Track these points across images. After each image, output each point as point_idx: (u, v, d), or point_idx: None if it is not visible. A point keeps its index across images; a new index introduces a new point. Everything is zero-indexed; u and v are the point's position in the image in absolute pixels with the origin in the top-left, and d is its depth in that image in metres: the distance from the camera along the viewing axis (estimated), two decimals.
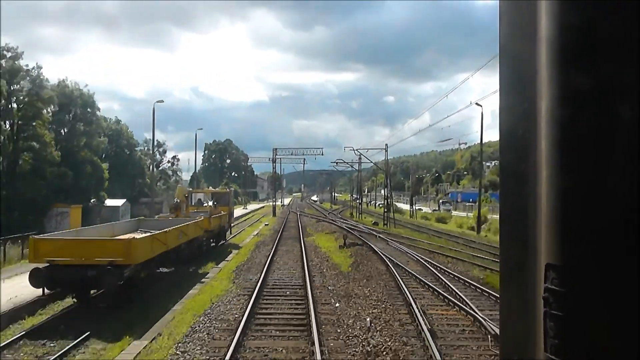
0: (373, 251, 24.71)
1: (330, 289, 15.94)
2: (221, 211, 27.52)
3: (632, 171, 0.77)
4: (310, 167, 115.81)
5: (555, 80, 0.83)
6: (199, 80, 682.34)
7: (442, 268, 19.67)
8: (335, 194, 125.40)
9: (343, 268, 20.13)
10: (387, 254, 22.97)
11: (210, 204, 28.69)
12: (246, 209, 75.50)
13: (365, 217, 59.99)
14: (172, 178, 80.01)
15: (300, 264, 21.05)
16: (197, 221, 20.82)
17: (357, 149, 54.06)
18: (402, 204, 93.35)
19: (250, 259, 22.57)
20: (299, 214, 60.90)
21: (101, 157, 53.40)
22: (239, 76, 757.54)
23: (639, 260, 0.77)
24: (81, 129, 49.30)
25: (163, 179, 77.19)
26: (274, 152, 68.43)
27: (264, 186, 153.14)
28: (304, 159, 75.50)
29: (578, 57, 0.82)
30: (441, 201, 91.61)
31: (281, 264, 21.29)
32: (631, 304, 0.77)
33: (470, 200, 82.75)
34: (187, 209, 25.10)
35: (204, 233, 22.29)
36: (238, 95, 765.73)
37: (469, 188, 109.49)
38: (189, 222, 19.70)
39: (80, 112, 49.82)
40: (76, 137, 48.10)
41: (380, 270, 19.26)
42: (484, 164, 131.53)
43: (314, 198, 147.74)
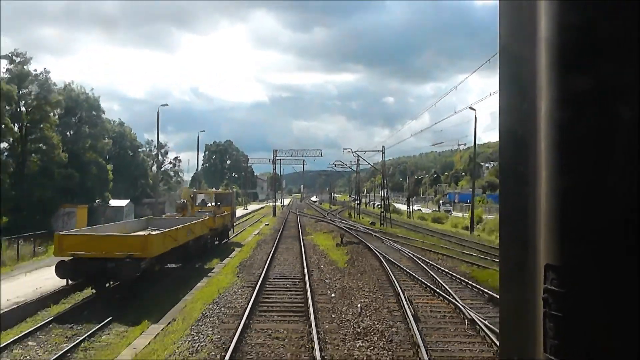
0: (368, 249, 26.06)
1: (327, 282, 17.33)
2: (224, 211, 28.92)
3: (632, 172, 0.77)
4: (309, 168, 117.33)
5: (555, 81, 0.83)
6: (198, 81, 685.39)
7: (432, 264, 21.03)
8: (334, 195, 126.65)
9: (339, 264, 21.51)
10: (382, 252, 24.29)
11: (213, 204, 30.08)
12: (247, 209, 76.82)
13: (363, 218, 61.32)
14: (174, 179, 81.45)
15: (299, 260, 22.42)
16: (203, 220, 22.27)
17: (355, 151, 55.43)
18: (401, 205, 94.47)
19: (253, 256, 23.96)
20: (298, 214, 62.24)
21: (105, 159, 54.67)
22: (239, 77, 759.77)
23: (638, 260, 0.76)
24: (86, 131, 50.56)
25: (165, 179, 78.52)
26: (274, 154, 69.82)
27: (263, 187, 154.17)
28: (304, 160, 77.00)
29: (578, 58, 0.82)
30: (441, 202, 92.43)
31: (282, 260, 22.67)
32: (630, 304, 0.77)
33: (467, 201, 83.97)
34: (193, 209, 26.56)
35: (209, 231, 23.72)
36: (238, 96, 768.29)
37: (467, 189, 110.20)
38: (195, 221, 21.14)
39: (85, 115, 51.16)
40: (82, 139, 49.37)
41: (374, 266, 20.64)
42: (483, 165, 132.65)
43: (313, 199, 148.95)
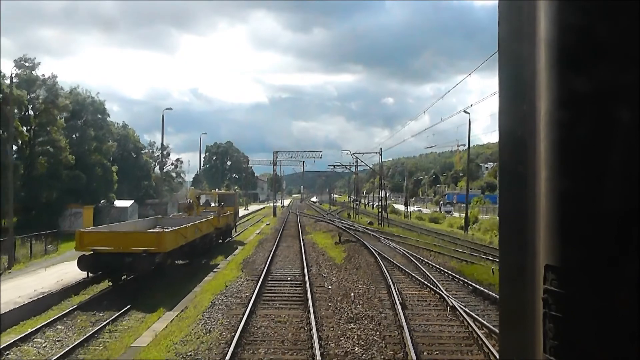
0: (365, 247, 27.44)
1: (324, 276, 18.74)
2: (228, 211, 30.33)
3: (631, 173, 0.77)
4: (309, 169, 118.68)
5: (555, 82, 0.83)
6: (198, 82, 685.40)
7: (424, 260, 22.43)
8: (334, 196, 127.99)
9: (337, 260, 22.91)
10: (378, 249, 25.67)
11: (216, 204, 31.50)
12: (247, 209, 78.22)
13: (361, 218, 62.70)
14: (176, 180, 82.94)
15: (299, 257, 23.82)
16: (209, 219, 23.69)
17: (354, 153, 56.82)
18: (400, 206, 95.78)
19: (255, 253, 25.37)
20: (298, 214, 63.62)
21: (110, 161, 56.10)
22: (239, 78, 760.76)
23: (638, 261, 0.76)
24: (92, 134, 51.95)
25: (167, 181, 79.98)
26: (274, 155, 71.29)
27: (264, 187, 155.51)
28: (303, 161, 78.47)
29: (577, 59, 0.82)
30: (442, 203, 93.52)
31: (282, 257, 24.07)
32: (630, 305, 0.77)
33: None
34: (198, 209, 27.98)
35: (214, 230, 25.14)
36: (237, 97, 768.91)
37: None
38: (202, 220, 22.56)
39: (91, 118, 52.60)
40: (87, 142, 50.76)
41: (369, 262, 22.04)
42: (482, 166, 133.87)
43: (313, 199, 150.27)
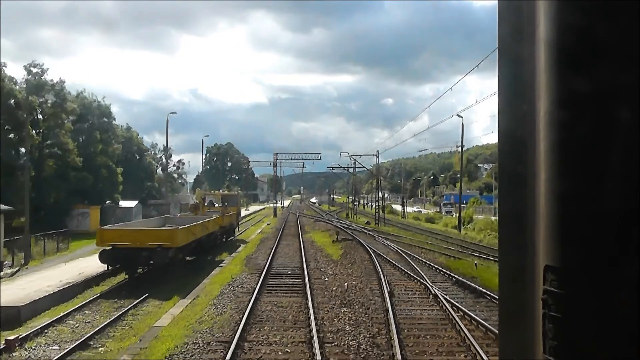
0: (361, 245, 29.10)
1: (322, 270, 20.41)
2: (231, 211, 32.02)
3: (631, 173, 0.77)
4: (309, 170, 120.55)
5: (554, 82, 0.83)
6: (198, 82, 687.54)
7: (415, 257, 24.07)
8: (333, 196, 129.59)
9: (334, 257, 24.58)
10: (372, 247, 27.31)
11: (220, 204, 33.20)
12: (248, 210, 79.85)
13: (359, 218, 64.35)
14: (177, 181, 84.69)
15: (298, 254, 25.48)
16: (214, 218, 25.39)
17: (352, 155, 58.53)
18: (398, 206, 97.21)
19: (257, 251, 27.05)
20: (298, 214, 65.27)
21: (115, 162, 57.78)
22: (238, 78, 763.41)
23: (637, 262, 0.77)
24: (98, 137, 53.63)
25: (169, 182, 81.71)
26: (274, 157, 73.07)
27: (264, 188, 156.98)
28: (303, 162, 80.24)
29: (577, 59, 0.82)
30: (443, 203, 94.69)
31: (283, 254, 25.73)
32: (630, 305, 0.77)
33: (464, 202, 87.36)
34: (203, 209, 29.69)
35: (219, 229, 26.83)
36: (237, 97, 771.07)
37: (465, 190, 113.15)
38: (208, 219, 24.26)
39: (97, 121, 54.30)
40: (93, 144, 52.45)
41: (364, 258, 23.71)
42: (481, 166, 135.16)
43: (312, 200, 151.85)
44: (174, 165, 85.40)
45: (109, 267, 17.72)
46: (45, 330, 12.46)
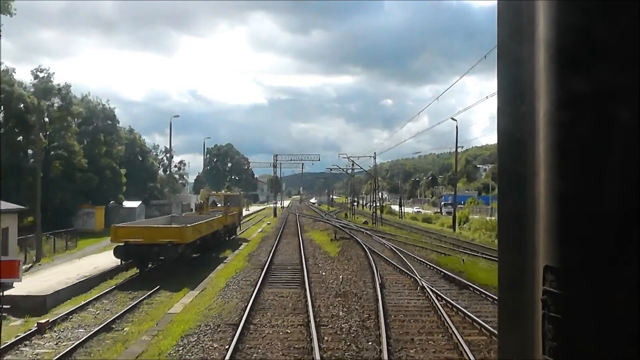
0: (357, 243, 30.50)
1: (319, 265, 21.82)
2: (233, 211, 33.44)
3: (631, 173, 0.77)
4: (308, 171, 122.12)
5: (554, 82, 0.83)
6: (197, 83, 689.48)
7: (408, 253, 25.47)
8: (333, 197, 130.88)
9: (331, 254, 25.99)
10: (369, 245, 28.68)
11: (222, 204, 34.62)
12: (248, 210, 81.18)
13: (358, 218, 65.73)
14: (179, 181, 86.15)
15: (298, 251, 26.87)
16: (218, 217, 26.81)
17: (350, 157, 59.97)
18: (397, 206, 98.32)
19: (259, 248, 28.47)
20: (297, 215, 66.64)
21: (119, 164, 59.16)
22: (238, 79, 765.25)
23: (637, 262, 0.76)
24: (102, 139, 55.04)
25: (170, 182, 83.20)
26: (274, 158, 74.54)
27: (263, 189, 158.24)
28: (302, 163, 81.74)
29: (577, 59, 0.82)
30: (443, 204, 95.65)
31: (283, 251, 27.14)
32: (629, 306, 0.77)
33: (462, 202, 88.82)
34: (207, 208, 31.12)
35: (222, 227, 28.25)
36: (237, 98, 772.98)
37: (464, 191, 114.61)
38: (213, 218, 25.68)
39: (101, 124, 55.73)
40: (98, 146, 53.86)
41: (359, 255, 25.12)
42: (480, 167, 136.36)
43: (312, 200, 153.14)
44: (176, 166, 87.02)
45: (122, 262, 19.16)
46: (70, 316, 13.88)
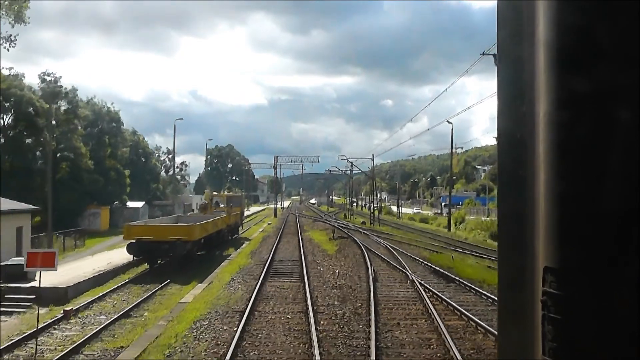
0: (355, 242, 31.92)
1: (318, 262, 23.25)
2: (235, 211, 34.89)
3: (631, 173, 0.77)
4: (309, 171, 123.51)
5: (554, 83, 0.83)
6: (197, 84, 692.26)
7: (402, 251, 26.90)
8: (332, 198, 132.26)
9: (329, 252, 27.42)
10: (365, 244, 30.11)
11: (225, 205, 36.07)
12: (249, 211, 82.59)
13: (356, 218, 67.19)
14: (181, 182, 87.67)
15: (298, 249, 28.30)
16: (222, 217, 28.26)
17: (349, 158, 61.37)
18: (396, 207, 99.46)
19: (260, 246, 29.90)
20: (297, 215, 68.06)
21: (123, 165, 60.61)
22: (238, 79, 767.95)
23: (637, 263, 0.76)
24: (107, 141, 56.47)
25: (172, 183, 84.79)
26: (275, 159, 76.08)
27: (264, 190, 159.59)
28: (302, 164, 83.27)
29: (577, 60, 0.82)
30: (443, 204, 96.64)
31: (284, 249, 28.57)
32: (629, 306, 0.77)
33: (459, 203, 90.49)
34: (211, 208, 32.58)
35: (226, 226, 29.70)
36: (237, 99, 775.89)
37: (462, 191, 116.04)
38: (217, 217, 27.13)
39: (106, 126, 57.17)
40: (103, 148, 55.29)
41: (356, 253, 26.55)
42: (479, 168, 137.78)
43: (312, 201, 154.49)
44: (177, 167, 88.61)
45: (134, 258, 20.60)
46: (91, 305, 15.31)
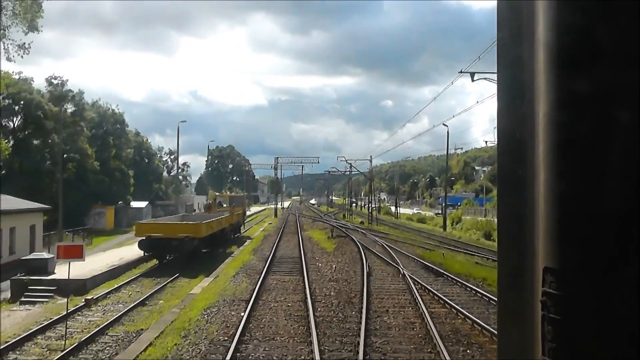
0: (352, 240, 33.33)
1: (316, 259, 24.68)
2: (238, 210, 36.36)
3: (630, 174, 0.77)
4: (309, 172, 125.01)
5: (554, 83, 0.83)
6: (198, 84, 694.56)
7: (397, 249, 28.31)
8: (332, 198, 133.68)
9: (328, 249, 28.85)
10: (362, 242, 31.51)
11: (227, 205, 37.53)
12: (250, 211, 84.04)
13: (355, 218, 68.61)
14: (182, 183, 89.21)
15: (298, 247, 29.71)
16: (226, 216, 29.71)
17: (348, 160, 62.78)
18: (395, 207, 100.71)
19: (262, 245, 31.32)
20: (297, 215, 69.47)
21: (127, 166, 62.05)
22: (238, 80, 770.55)
23: (637, 262, 0.76)
24: (111, 142, 57.91)
25: (174, 184, 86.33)
26: (275, 161, 77.49)
27: (264, 190, 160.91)
28: (302, 165, 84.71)
29: (577, 60, 0.82)
30: (443, 205, 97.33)
31: (284, 247, 30.00)
32: (629, 306, 0.77)
33: (458, 203, 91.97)
34: (215, 208, 34.05)
35: (229, 225, 31.15)
36: (237, 99, 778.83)
37: (461, 192, 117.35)
38: (221, 216, 28.57)
39: (111, 128, 58.60)
40: (108, 149, 56.73)
41: (353, 250, 27.97)
42: (479, 169, 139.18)
43: (312, 201, 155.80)
44: (179, 167, 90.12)
45: (145, 254, 22.06)
46: (108, 295, 16.75)
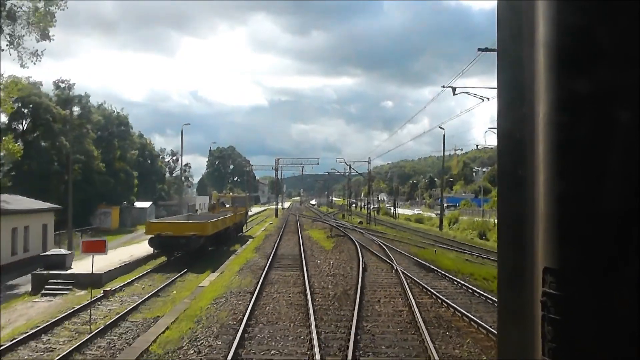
0: (350, 239, 34.73)
1: (316, 256, 26.10)
2: (240, 210, 37.79)
3: (630, 175, 0.78)
4: (308, 172, 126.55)
5: (554, 84, 0.84)
6: (198, 84, 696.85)
7: (392, 247, 29.69)
8: (332, 198, 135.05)
9: (327, 248, 30.25)
10: (360, 241, 32.92)
11: (229, 205, 38.97)
12: (251, 211, 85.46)
13: (354, 218, 70.01)
14: (184, 183, 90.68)
15: (298, 245, 31.12)
16: (230, 216, 31.15)
17: (347, 161, 64.16)
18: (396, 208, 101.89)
19: (264, 243, 32.74)
20: (297, 215, 70.91)
21: (131, 167, 63.46)
22: (238, 80, 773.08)
23: (636, 263, 0.77)
24: (116, 144, 59.32)
25: (176, 184, 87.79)
26: (276, 162, 78.90)
27: (264, 190, 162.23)
28: (302, 166, 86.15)
29: (576, 61, 0.82)
30: (446, 205, 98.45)
31: (285, 246, 31.41)
32: (629, 307, 0.77)
33: (456, 204, 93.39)
34: (219, 208, 35.50)
35: (232, 225, 32.58)
36: (237, 99, 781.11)
37: (461, 193, 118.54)
38: (225, 216, 30.00)
39: (116, 130, 60.03)
40: (112, 151, 58.14)
41: (351, 248, 29.37)
42: (479, 170, 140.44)
43: (312, 202, 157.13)
44: (182, 169, 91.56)
45: (154, 251, 23.48)
46: (123, 288, 18.17)
